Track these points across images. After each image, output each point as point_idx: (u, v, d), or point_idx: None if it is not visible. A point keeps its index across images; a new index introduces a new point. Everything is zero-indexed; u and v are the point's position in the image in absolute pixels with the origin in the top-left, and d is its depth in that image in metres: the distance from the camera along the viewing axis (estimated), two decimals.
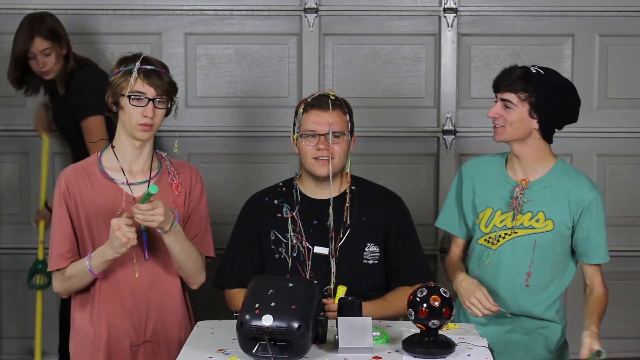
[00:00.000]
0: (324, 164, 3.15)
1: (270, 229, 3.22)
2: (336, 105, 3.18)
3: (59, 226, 3.08)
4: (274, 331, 2.57)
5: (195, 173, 3.23)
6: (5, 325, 4.71)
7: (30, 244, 4.60)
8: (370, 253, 3.21)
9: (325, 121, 3.15)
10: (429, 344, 2.70)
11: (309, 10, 4.51)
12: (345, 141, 3.17)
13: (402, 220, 3.27)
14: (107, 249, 2.97)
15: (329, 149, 3.14)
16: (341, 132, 3.16)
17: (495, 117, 3.12)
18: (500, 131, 3.13)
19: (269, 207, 3.25)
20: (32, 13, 4.19)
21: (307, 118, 3.17)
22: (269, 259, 3.22)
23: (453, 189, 3.35)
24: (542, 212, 3.16)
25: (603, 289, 3.21)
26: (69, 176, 3.09)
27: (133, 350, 3.12)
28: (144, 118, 3.01)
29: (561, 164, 3.21)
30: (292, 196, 3.24)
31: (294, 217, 3.21)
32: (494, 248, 3.21)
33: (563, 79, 3.17)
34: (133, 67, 3.00)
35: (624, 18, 4.52)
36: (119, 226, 2.89)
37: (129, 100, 3.00)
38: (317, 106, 3.17)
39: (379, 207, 3.24)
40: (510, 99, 3.08)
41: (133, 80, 2.99)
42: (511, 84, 3.08)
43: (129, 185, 3.08)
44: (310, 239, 3.18)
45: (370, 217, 3.22)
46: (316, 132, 3.15)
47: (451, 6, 4.50)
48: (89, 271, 3.02)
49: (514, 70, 3.12)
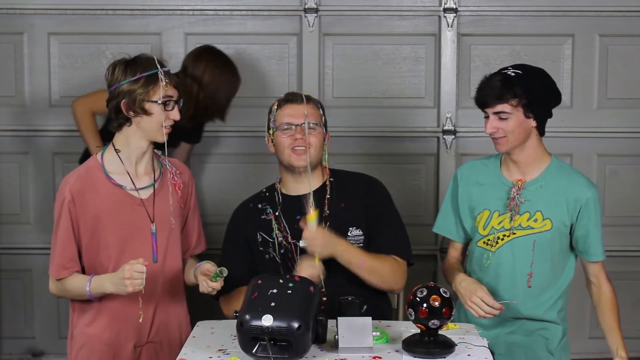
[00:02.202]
0: (300, 154, 3.18)
1: (256, 231, 3.26)
2: (309, 99, 3.24)
3: (61, 235, 3.06)
4: (274, 331, 2.57)
5: (188, 173, 3.26)
6: (5, 325, 4.71)
7: (30, 244, 4.60)
8: (353, 237, 3.22)
9: (300, 113, 3.20)
10: (429, 344, 2.70)
11: (309, 10, 4.51)
12: (320, 133, 3.22)
13: (380, 201, 3.30)
14: (108, 284, 2.95)
15: (305, 139, 3.17)
16: (315, 122, 3.21)
17: (494, 132, 3.10)
18: (503, 142, 3.11)
19: (254, 212, 3.30)
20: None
21: (282, 112, 3.23)
22: (259, 260, 3.24)
23: (449, 194, 3.34)
24: (540, 211, 3.16)
25: (610, 286, 3.21)
26: (73, 185, 3.05)
27: (137, 351, 3.12)
28: (170, 120, 3.04)
29: (556, 162, 3.21)
30: (275, 198, 3.28)
31: (278, 216, 3.23)
32: (493, 250, 3.21)
33: (535, 69, 3.15)
34: (157, 71, 2.99)
35: (624, 18, 4.52)
36: (130, 274, 2.87)
37: (163, 107, 3.00)
38: (291, 100, 3.24)
39: (357, 191, 3.29)
40: (503, 110, 3.06)
41: (165, 85, 3.00)
42: (500, 96, 3.05)
43: (137, 190, 3.08)
44: (296, 234, 3.19)
45: (349, 202, 3.26)
46: (292, 123, 3.20)
47: (451, 6, 4.50)
48: (87, 294, 3.02)
49: (493, 81, 3.08)
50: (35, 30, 4.53)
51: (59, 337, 4.61)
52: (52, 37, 4.54)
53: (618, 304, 3.23)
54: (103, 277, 2.99)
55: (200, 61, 4.11)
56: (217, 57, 4.17)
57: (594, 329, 4.68)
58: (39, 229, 4.59)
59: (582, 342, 4.62)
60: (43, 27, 4.53)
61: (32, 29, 4.53)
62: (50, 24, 4.53)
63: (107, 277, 2.97)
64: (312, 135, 3.19)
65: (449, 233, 3.35)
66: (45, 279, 3.28)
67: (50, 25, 4.53)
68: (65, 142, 4.54)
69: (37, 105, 4.56)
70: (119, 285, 2.91)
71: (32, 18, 4.51)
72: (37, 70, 4.55)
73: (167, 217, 3.10)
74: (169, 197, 3.11)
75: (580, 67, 4.54)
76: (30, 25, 4.53)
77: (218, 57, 4.17)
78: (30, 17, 4.51)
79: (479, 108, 3.14)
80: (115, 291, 2.93)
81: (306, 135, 3.18)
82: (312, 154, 3.20)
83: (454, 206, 3.30)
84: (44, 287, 4.34)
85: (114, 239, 3.04)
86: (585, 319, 4.62)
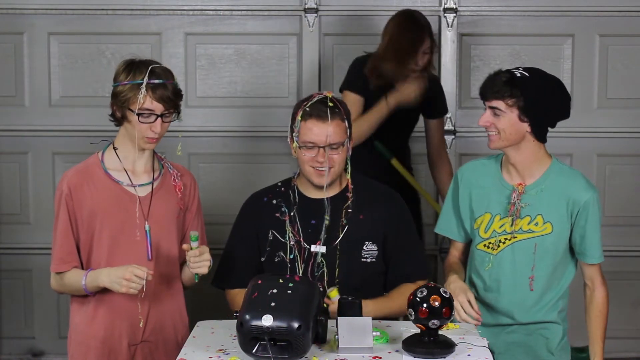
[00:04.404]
0: (321, 174, 3.13)
1: (269, 228, 3.21)
2: (335, 113, 3.11)
3: (60, 229, 3.07)
4: (274, 331, 2.57)
5: (191, 176, 3.24)
6: (5, 325, 4.71)
7: (30, 244, 4.60)
8: (368, 251, 3.20)
9: (323, 133, 3.09)
10: (429, 344, 2.69)
11: (309, 10, 4.51)
12: (344, 150, 3.13)
13: (401, 219, 3.26)
14: (104, 277, 2.97)
15: (327, 161, 3.11)
16: (340, 142, 3.11)
17: (487, 125, 3.11)
18: (495, 138, 3.11)
19: (268, 207, 3.24)
20: (406, 10, 4.14)
21: (305, 127, 3.11)
22: (268, 260, 3.21)
23: (450, 194, 3.33)
24: (541, 215, 3.15)
25: (604, 291, 3.21)
26: (71, 179, 3.07)
27: (131, 349, 3.12)
28: (152, 132, 3.01)
29: (557, 164, 3.20)
30: (290, 196, 3.24)
31: (293, 217, 3.20)
32: (494, 253, 3.20)
33: (549, 77, 3.14)
34: (141, 82, 2.97)
35: (624, 18, 4.52)
36: (130, 277, 2.89)
37: (138, 118, 2.99)
38: (315, 116, 3.10)
39: (377, 205, 3.23)
40: (498, 106, 3.07)
41: (142, 98, 2.97)
42: (497, 91, 3.06)
43: (134, 187, 3.09)
44: (308, 238, 3.17)
45: (368, 215, 3.21)
46: (315, 144, 3.10)
47: (451, 6, 4.50)
48: (83, 288, 3.03)
49: (498, 76, 3.09)
50: (35, 30, 4.53)
51: (59, 337, 4.61)
52: (52, 37, 4.54)
53: (608, 310, 3.22)
54: (99, 270, 3.01)
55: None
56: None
57: None
58: (39, 229, 4.59)
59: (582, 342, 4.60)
60: (43, 27, 4.53)
61: (32, 29, 4.53)
62: (50, 24, 4.53)
63: (104, 270, 2.99)
64: (334, 154, 3.11)
65: (450, 233, 3.34)
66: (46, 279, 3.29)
67: (50, 25, 4.53)
68: (65, 142, 4.54)
69: (37, 105, 4.56)
70: (114, 282, 2.92)
71: (32, 18, 4.52)
72: (37, 70, 4.55)
73: (163, 217, 3.10)
74: (167, 197, 3.11)
75: (580, 67, 4.54)
76: (30, 25, 4.53)
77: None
78: (30, 17, 4.52)
79: (481, 100, 3.14)
80: (109, 286, 2.95)
81: (327, 156, 3.09)
82: (334, 171, 3.13)
83: (455, 207, 3.30)
84: (44, 287, 4.37)
85: (107, 234, 3.05)
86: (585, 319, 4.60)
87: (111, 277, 2.94)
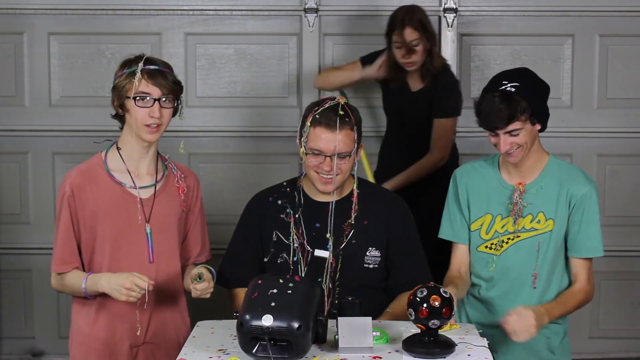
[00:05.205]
0: (326, 182, 3.10)
1: (273, 229, 3.20)
2: (344, 122, 3.06)
3: (62, 230, 3.06)
4: (274, 331, 2.57)
5: (195, 178, 3.23)
6: (5, 325, 4.71)
7: (30, 244, 4.60)
8: (371, 257, 3.19)
9: (332, 142, 3.05)
10: (429, 344, 2.69)
11: (309, 10, 4.51)
12: (351, 159, 3.11)
13: (404, 225, 3.24)
14: (104, 283, 2.96)
15: (333, 170, 3.08)
16: (348, 152, 3.08)
17: (509, 147, 3.08)
18: (517, 153, 3.07)
19: (273, 207, 3.22)
20: (405, 5, 4.25)
21: (314, 134, 3.07)
22: (271, 261, 3.20)
23: (450, 197, 3.30)
24: (542, 212, 3.15)
25: (585, 286, 3.16)
26: (74, 180, 3.06)
27: (133, 351, 3.12)
28: (151, 119, 2.99)
29: (554, 160, 3.20)
30: (295, 197, 3.23)
31: (297, 219, 3.19)
32: (497, 254, 3.20)
33: (521, 70, 3.16)
34: (136, 69, 2.98)
35: (624, 18, 4.52)
36: (130, 286, 2.88)
37: (134, 102, 2.99)
38: (324, 124, 3.06)
39: (382, 211, 3.21)
40: (514, 128, 3.04)
41: (137, 81, 2.97)
42: (510, 117, 3.01)
43: (137, 189, 3.08)
44: (312, 241, 3.17)
45: (372, 221, 3.19)
46: (322, 152, 3.07)
47: (451, 6, 4.50)
48: (83, 291, 3.02)
49: (496, 104, 3.01)
50: (35, 30, 4.53)
51: (59, 337, 4.61)
52: (52, 37, 4.54)
53: (579, 302, 3.14)
54: (99, 275, 3.00)
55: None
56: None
57: (594, 329, 4.69)
58: (39, 229, 4.58)
59: (582, 342, 4.62)
60: (43, 27, 4.53)
61: (32, 29, 4.53)
62: (50, 24, 4.53)
63: (104, 276, 2.98)
64: (341, 164, 3.08)
65: (457, 238, 3.28)
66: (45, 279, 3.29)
67: (50, 25, 4.53)
68: (65, 142, 4.54)
69: (37, 105, 4.56)
70: (114, 289, 2.91)
71: (32, 18, 4.52)
72: (37, 70, 4.55)
73: (165, 219, 3.10)
74: (170, 199, 3.10)
75: (580, 67, 4.54)
76: (30, 25, 4.53)
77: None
78: (30, 17, 4.52)
79: (488, 131, 3.10)
80: (109, 292, 2.94)
81: (334, 166, 3.07)
82: (339, 178, 3.11)
83: (459, 209, 3.27)
84: (44, 287, 4.37)
85: (108, 236, 3.04)
86: (585, 319, 4.62)
87: (111, 284, 2.93)
